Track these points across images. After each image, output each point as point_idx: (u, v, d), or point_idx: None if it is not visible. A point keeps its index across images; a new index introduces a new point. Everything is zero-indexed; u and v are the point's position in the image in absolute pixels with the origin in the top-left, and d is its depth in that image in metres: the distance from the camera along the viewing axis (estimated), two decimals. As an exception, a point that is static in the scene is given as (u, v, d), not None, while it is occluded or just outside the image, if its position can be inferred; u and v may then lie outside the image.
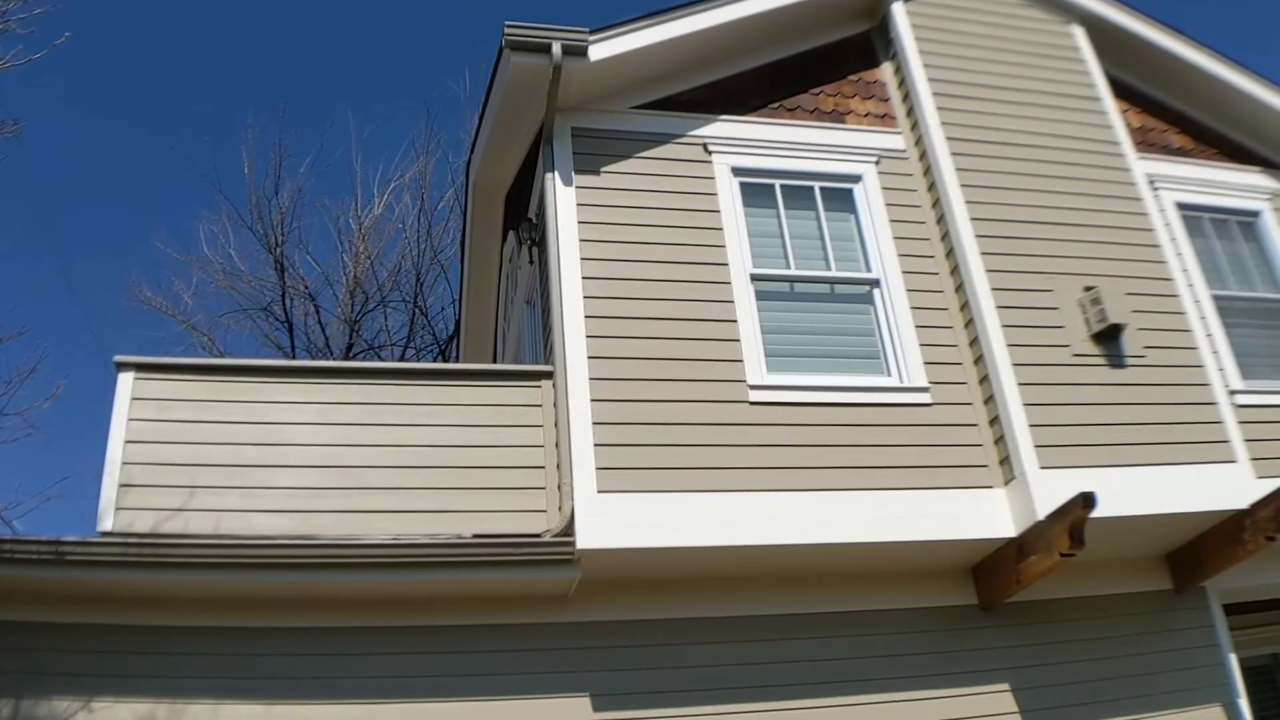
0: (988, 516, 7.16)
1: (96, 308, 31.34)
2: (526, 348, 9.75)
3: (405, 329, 22.66)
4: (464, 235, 11.14)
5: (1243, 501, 7.56)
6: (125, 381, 7.01)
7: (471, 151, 9.63)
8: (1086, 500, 6.60)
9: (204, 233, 22.51)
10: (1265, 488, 7.55)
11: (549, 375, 7.27)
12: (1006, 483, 7.25)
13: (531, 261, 8.69)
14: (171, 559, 6.24)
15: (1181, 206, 9.23)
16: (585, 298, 7.20)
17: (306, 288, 22.16)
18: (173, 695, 6.27)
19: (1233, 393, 8.23)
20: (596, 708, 6.63)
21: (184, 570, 6.25)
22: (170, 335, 22.32)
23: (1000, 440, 7.32)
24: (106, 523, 6.60)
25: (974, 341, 7.64)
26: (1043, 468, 7.11)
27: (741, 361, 7.24)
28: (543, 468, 7.03)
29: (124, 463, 6.77)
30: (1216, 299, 8.84)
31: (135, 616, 6.40)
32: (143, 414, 6.92)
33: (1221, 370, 8.29)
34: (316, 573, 6.33)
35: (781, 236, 7.98)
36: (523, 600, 6.72)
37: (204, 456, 6.86)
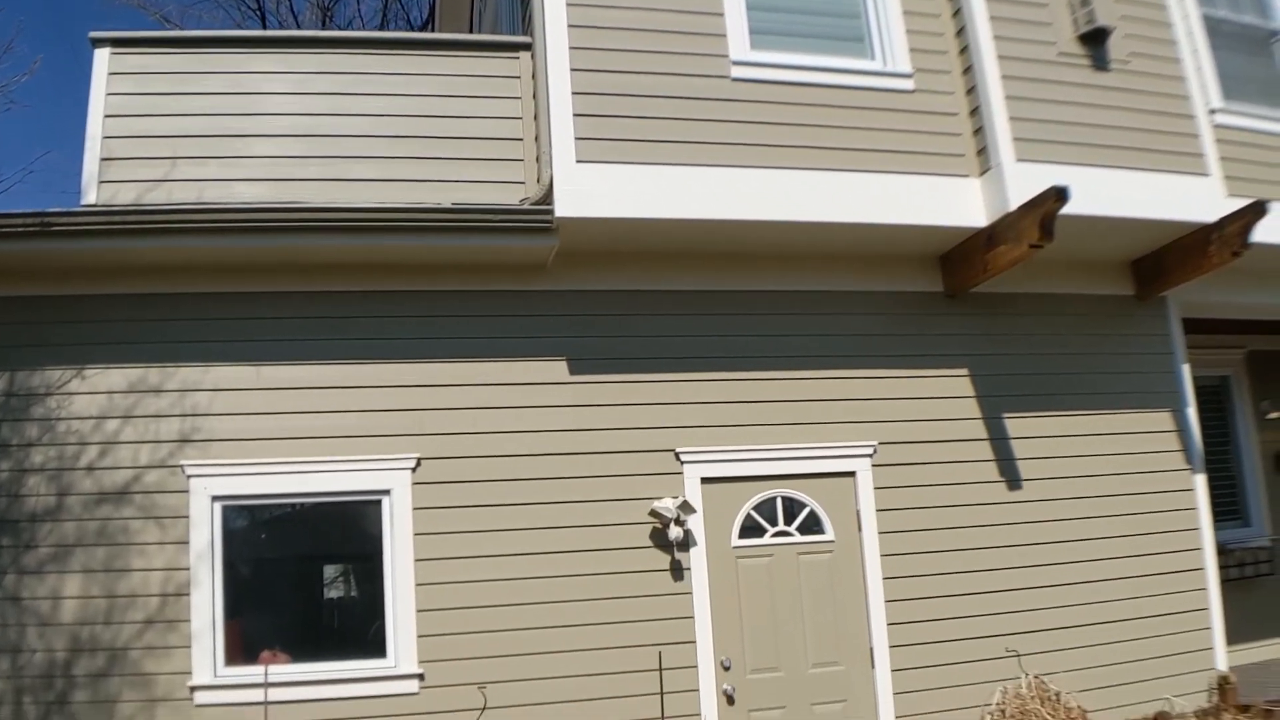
0: (961, 205, 7.27)
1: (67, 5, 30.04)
2: (504, 26, 9.53)
3: (379, 15, 22.15)
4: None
5: (1211, 215, 7.70)
6: (102, 57, 6.97)
7: None
8: (1059, 194, 6.71)
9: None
10: (1234, 205, 7.68)
11: (528, 47, 7.19)
12: (982, 173, 7.32)
13: (510, -71, 8.46)
14: (156, 225, 6.30)
15: (1177, -80, 8.99)
16: (566, -36, 6.99)
17: (278, -29, 21.46)
18: (163, 360, 6.51)
19: (1212, 111, 8.21)
20: (573, 370, 6.92)
21: (169, 236, 6.32)
22: (143, 28, 21.66)
23: (979, 131, 7.35)
24: (90, 196, 6.70)
25: (960, 31, 7.53)
26: (1018, 160, 7.17)
27: (725, 36, 7.10)
28: (521, 140, 7.08)
29: (104, 137, 6.83)
30: (1206, 18, 8.68)
31: (124, 286, 6.57)
32: (121, 88, 6.91)
33: (1204, 88, 8.28)
34: (300, 236, 6.41)
35: (772, -92, 7.69)
36: (502, 268, 6.88)
37: (184, 128, 6.89)
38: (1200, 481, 8.34)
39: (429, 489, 6.58)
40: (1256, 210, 7.52)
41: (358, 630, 6.65)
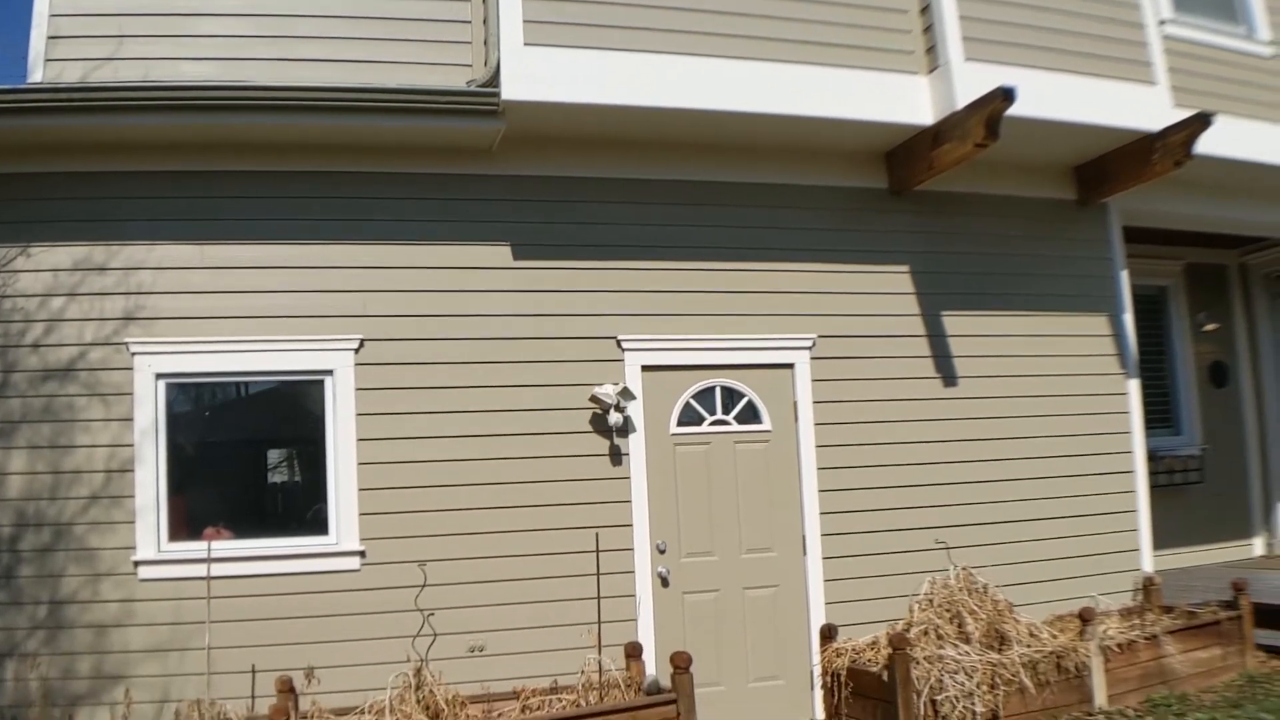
0: (909, 102, 7.32)
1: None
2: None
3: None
4: None
5: (1157, 124, 7.82)
6: (49, -66, 6.84)
7: None
8: (1006, 94, 6.79)
9: None
10: (1180, 116, 7.78)
11: (478, -73, 7.13)
12: (930, 71, 7.35)
13: None
14: (102, 103, 6.21)
15: None
16: None
17: None
18: (108, 238, 6.47)
19: (1162, 21, 8.28)
20: (516, 256, 6.97)
21: (115, 114, 6.23)
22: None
23: (929, 29, 7.36)
24: (36, 74, 6.65)
25: (913, -73, 7.54)
26: (967, 60, 7.22)
27: (675, -81, 7.03)
28: (469, 22, 7.06)
29: (51, 15, 6.78)
30: (1160, -73, 8.73)
31: (69, 164, 6.50)
32: (69, -33, 6.80)
33: (1155, -3, 8.33)
34: (246, 115, 6.34)
35: None
36: (448, 151, 6.86)
37: (132, 6, 6.86)
38: (1134, 387, 8.56)
39: (372, 370, 6.64)
40: (1201, 121, 7.64)
41: (301, 508, 6.75)
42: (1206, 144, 7.78)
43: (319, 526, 6.58)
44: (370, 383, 6.63)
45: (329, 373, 6.61)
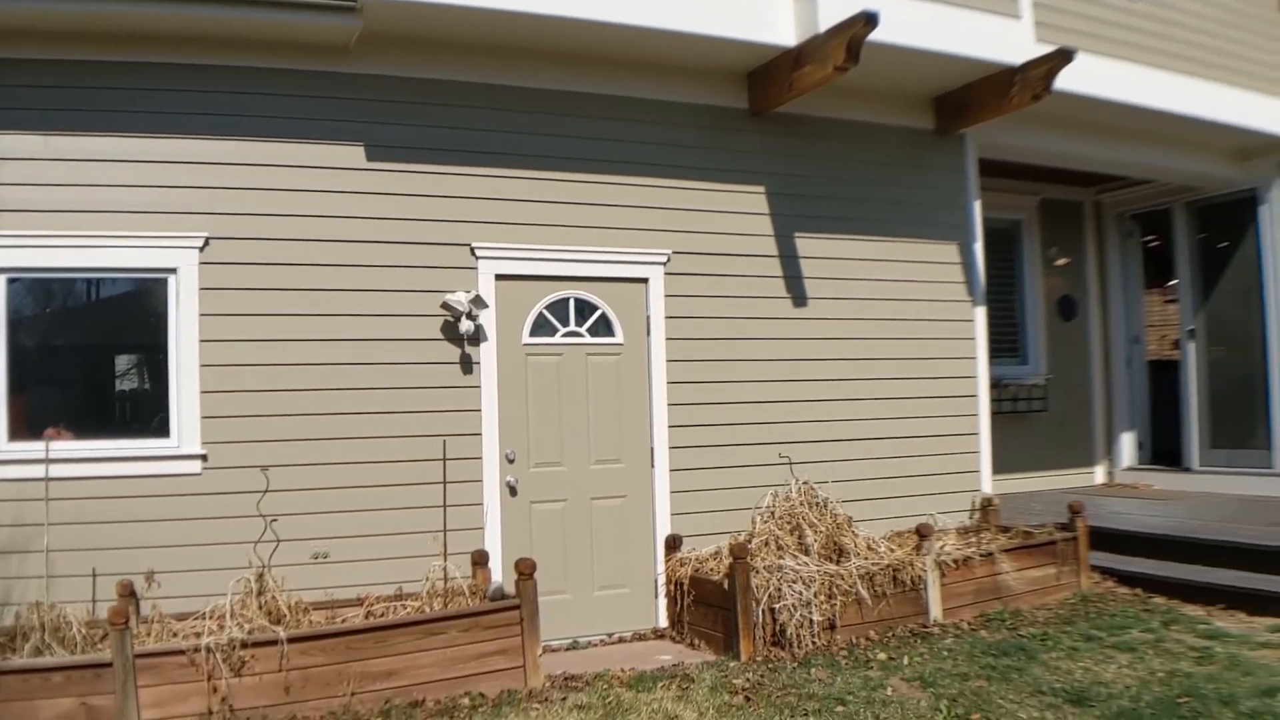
0: (771, 23, 7.32)
1: None
2: None
3: None
4: None
5: (1018, 58, 7.98)
6: None
7: None
8: (869, 19, 6.85)
9: None
10: (1042, 50, 7.94)
11: None
12: (795, -7, 7.37)
13: None
14: None
15: None
16: None
17: None
18: (-52, 127, 6.09)
19: (1029, -44, 8.41)
20: (370, 158, 6.81)
21: None
22: None
23: (795, -51, 7.36)
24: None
25: None
26: (827, -18, 7.24)
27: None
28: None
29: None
30: None
31: (-95, 49, 6.08)
32: None
33: (1021, -68, 8.42)
34: (93, 1, 6.06)
35: None
36: (303, 47, 6.62)
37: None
38: (980, 315, 8.85)
39: (217, 269, 6.45)
40: (1063, 56, 7.79)
41: (144, 411, 6.56)
42: (1067, 80, 7.98)
43: (161, 429, 6.42)
44: (215, 282, 6.44)
45: (172, 271, 6.41)
